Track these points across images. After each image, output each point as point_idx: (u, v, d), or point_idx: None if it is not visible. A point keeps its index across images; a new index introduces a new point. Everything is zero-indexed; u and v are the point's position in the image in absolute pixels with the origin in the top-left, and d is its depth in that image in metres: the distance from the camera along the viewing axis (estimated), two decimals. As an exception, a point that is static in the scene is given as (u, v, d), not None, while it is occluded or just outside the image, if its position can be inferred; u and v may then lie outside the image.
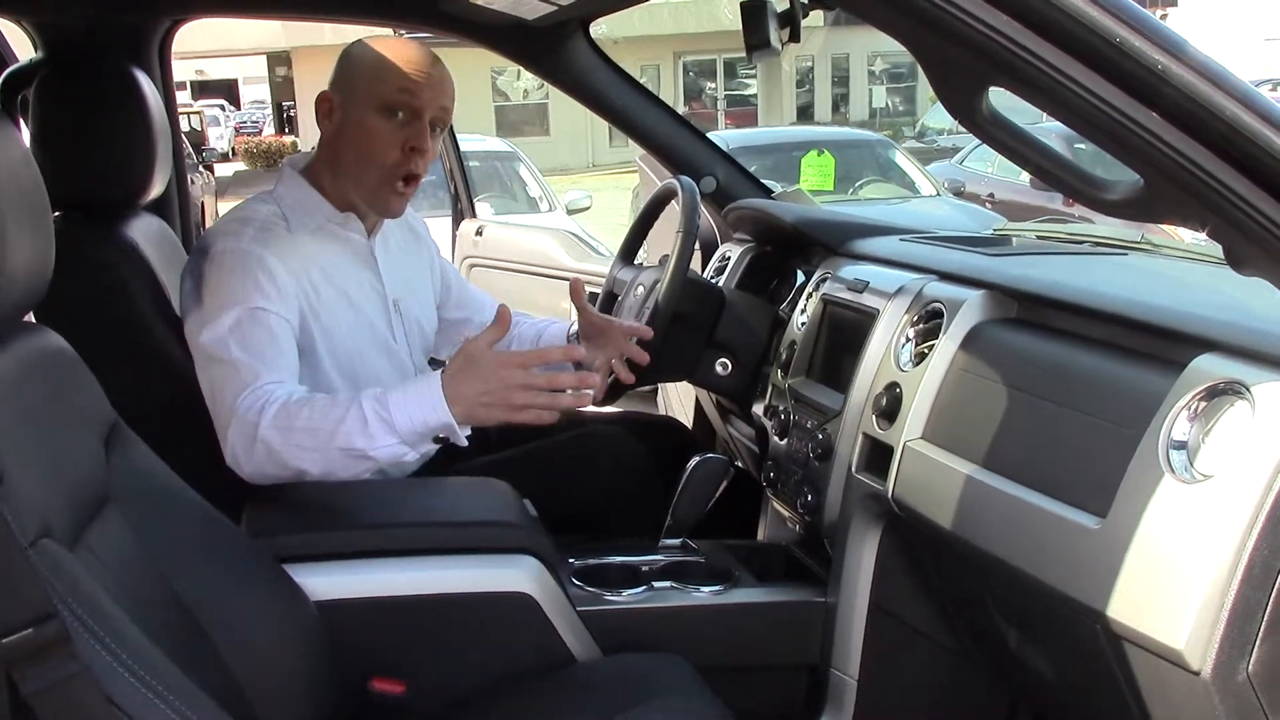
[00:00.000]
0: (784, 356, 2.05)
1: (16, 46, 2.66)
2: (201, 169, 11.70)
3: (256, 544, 1.50)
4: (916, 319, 1.68)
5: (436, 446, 1.61)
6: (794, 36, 1.29)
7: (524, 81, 22.49)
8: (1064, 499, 1.28)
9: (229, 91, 35.53)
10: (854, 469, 1.71)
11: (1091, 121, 0.95)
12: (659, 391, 3.15)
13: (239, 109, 34.24)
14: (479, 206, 4.66)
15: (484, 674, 1.57)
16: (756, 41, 1.25)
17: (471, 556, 1.62)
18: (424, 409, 1.57)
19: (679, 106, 21.16)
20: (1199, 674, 1.10)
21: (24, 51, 2.57)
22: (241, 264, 1.72)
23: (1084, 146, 1.19)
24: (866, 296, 1.84)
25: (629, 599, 1.72)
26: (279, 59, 24.90)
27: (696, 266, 2.51)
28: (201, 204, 10.68)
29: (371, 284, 1.90)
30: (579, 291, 1.93)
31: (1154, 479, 1.15)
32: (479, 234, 4.20)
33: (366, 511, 1.69)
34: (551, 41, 2.48)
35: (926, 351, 1.61)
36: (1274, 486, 1.06)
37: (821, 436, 1.81)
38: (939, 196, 9.17)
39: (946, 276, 1.72)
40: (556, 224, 6.53)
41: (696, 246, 2.27)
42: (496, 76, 22.62)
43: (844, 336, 1.88)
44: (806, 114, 24.97)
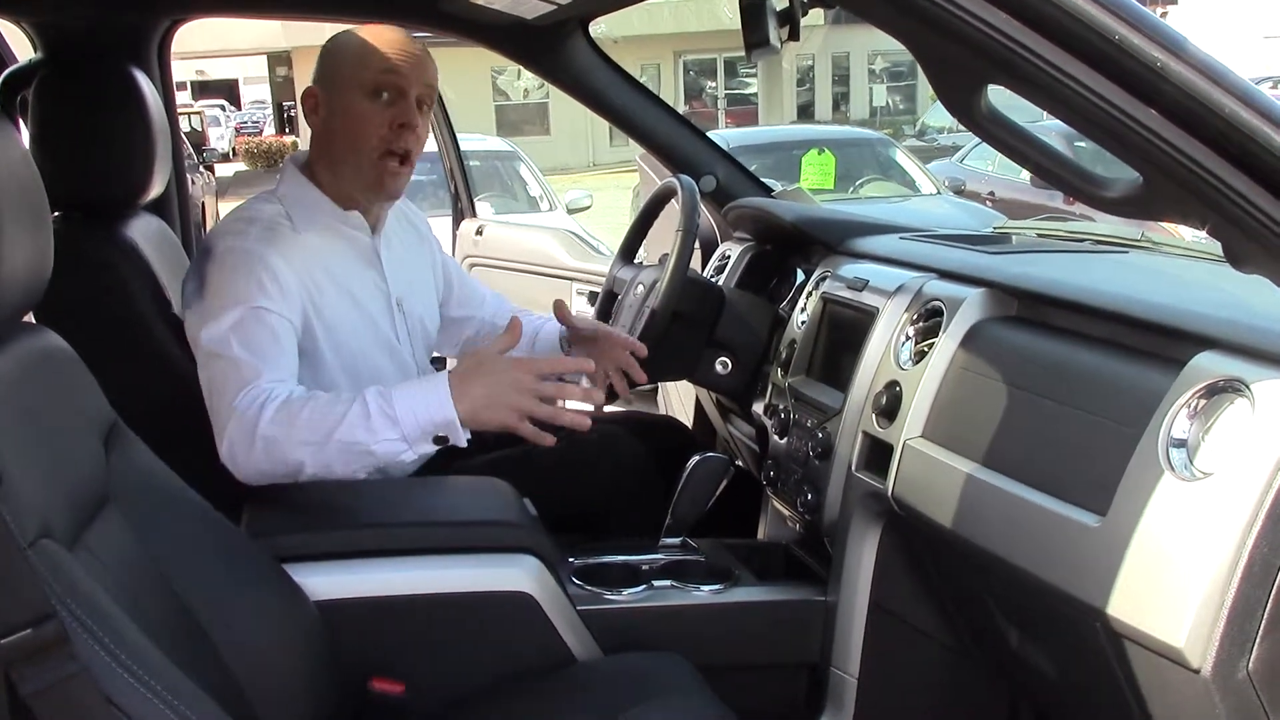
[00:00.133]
0: (784, 355, 2.05)
1: (16, 47, 2.67)
2: (202, 169, 11.69)
3: (256, 544, 1.50)
4: (916, 317, 1.68)
5: (435, 448, 1.61)
6: (793, 35, 1.29)
7: (524, 81, 22.48)
8: (1064, 497, 1.28)
9: (229, 92, 35.54)
10: (854, 468, 1.71)
11: (1090, 119, 0.95)
12: (659, 391, 3.14)
13: (239, 109, 34.23)
14: (479, 206, 4.65)
15: (484, 673, 1.57)
16: (756, 40, 1.24)
17: (471, 556, 1.62)
18: (429, 404, 1.57)
19: (679, 105, 21.18)
20: (1199, 672, 1.10)
21: (23, 52, 2.57)
22: (245, 263, 1.72)
23: (1084, 144, 1.19)
24: (866, 295, 1.84)
25: (629, 598, 1.72)
26: (279, 59, 24.90)
27: (696, 265, 2.51)
28: (202, 204, 10.67)
29: (375, 283, 1.90)
30: (562, 310, 1.98)
31: (1154, 477, 1.15)
32: (479, 233, 4.19)
33: (366, 511, 1.69)
34: (551, 41, 2.48)
35: (926, 350, 1.61)
36: (1274, 484, 1.06)
37: (821, 435, 1.81)
38: (939, 195, 9.17)
39: (946, 275, 1.72)
40: (557, 223, 6.52)
41: (696, 245, 2.27)
42: (497, 76, 22.63)
43: (844, 335, 1.88)
44: (807, 113, 24.99)
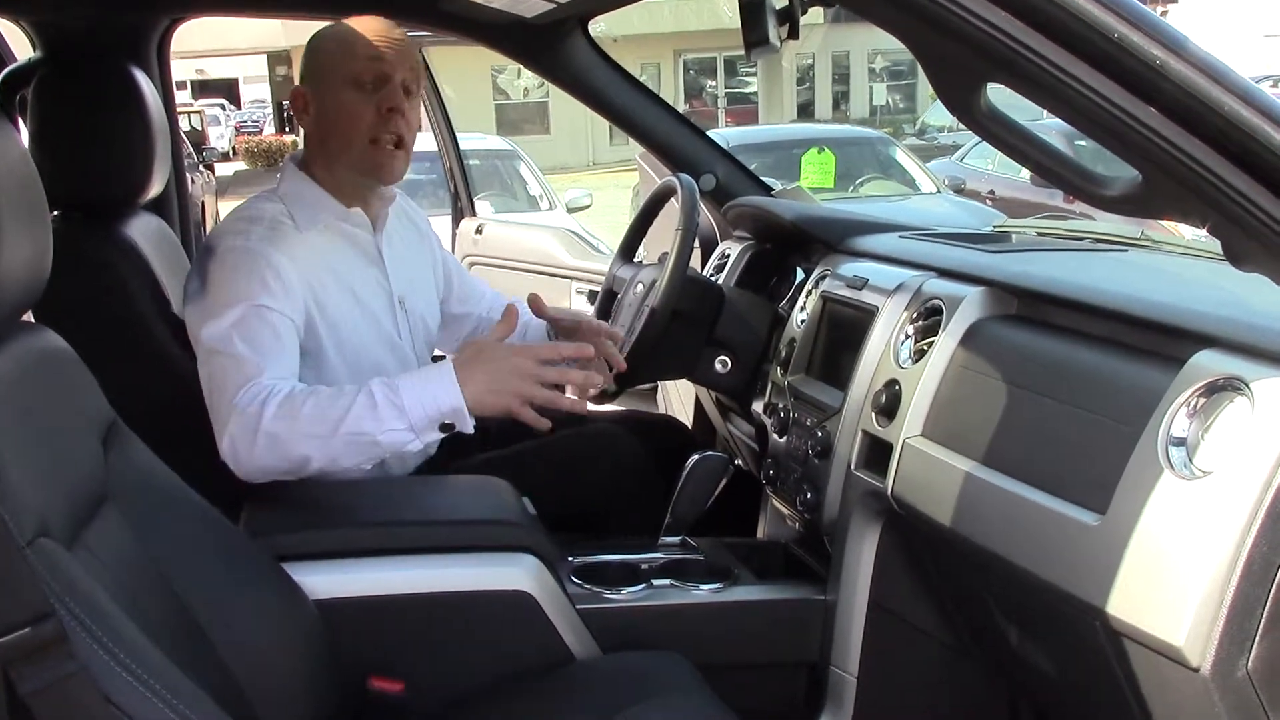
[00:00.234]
0: (783, 354, 2.05)
1: (15, 46, 2.67)
2: (202, 168, 11.67)
3: (255, 543, 1.50)
4: (916, 316, 1.68)
5: (441, 437, 1.61)
6: (793, 33, 1.28)
7: (524, 80, 22.48)
8: (1063, 496, 1.28)
9: (229, 91, 35.50)
10: (853, 466, 1.71)
11: (1090, 117, 0.95)
12: (659, 390, 3.14)
13: (239, 108, 34.20)
14: (479, 205, 4.66)
15: (483, 672, 1.57)
16: (755, 39, 1.24)
17: (471, 555, 1.62)
18: (435, 392, 1.57)
19: (679, 104, 21.18)
20: (1198, 670, 1.10)
21: (22, 51, 2.57)
22: (248, 262, 1.72)
23: (1085, 143, 1.19)
24: (866, 294, 1.84)
25: (628, 597, 1.72)
26: (279, 58, 24.87)
27: (696, 264, 2.50)
28: (202, 203, 10.66)
29: (378, 280, 1.90)
30: (538, 304, 1.97)
31: (1153, 475, 1.15)
32: (479, 232, 4.20)
33: (365, 510, 1.69)
34: (551, 39, 2.48)
35: (926, 348, 1.61)
36: (1273, 483, 1.06)
37: (821, 434, 1.80)
38: (939, 194, 9.16)
39: (946, 273, 1.72)
40: (557, 222, 6.52)
41: (696, 244, 2.27)
42: (497, 75, 22.62)
43: (843, 334, 1.87)
44: (807, 111, 24.98)
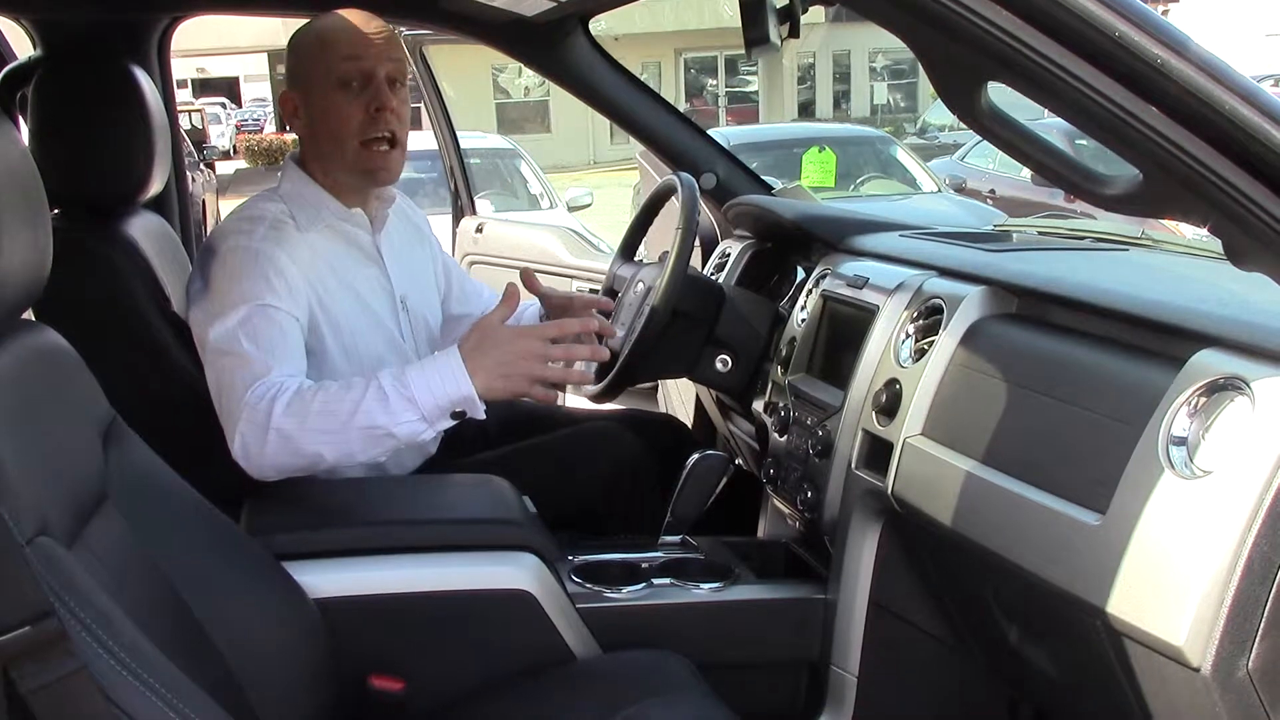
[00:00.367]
0: (784, 353, 2.05)
1: (15, 44, 2.66)
2: (203, 167, 11.68)
3: (255, 542, 1.50)
4: (916, 315, 1.68)
5: (453, 424, 1.61)
6: (793, 32, 1.28)
7: (525, 79, 22.48)
8: (1064, 495, 1.28)
9: (230, 89, 35.50)
10: (854, 465, 1.71)
11: (1091, 117, 0.95)
12: (659, 388, 3.14)
13: (240, 106, 34.20)
14: (479, 204, 4.65)
15: (483, 671, 1.57)
16: (755, 37, 1.24)
17: (471, 554, 1.62)
18: (445, 381, 1.57)
19: (680, 103, 21.17)
20: (1199, 670, 1.10)
21: (23, 49, 2.57)
22: (252, 261, 1.72)
23: (1086, 142, 1.19)
24: (866, 293, 1.84)
25: (628, 596, 1.72)
26: (280, 56, 24.80)
27: (696, 263, 2.50)
28: (203, 202, 10.65)
29: (379, 281, 1.91)
30: (530, 278, 1.95)
31: (1154, 475, 1.15)
32: (479, 231, 4.19)
33: (365, 509, 1.69)
34: (552, 38, 2.48)
35: (926, 348, 1.61)
36: (1274, 482, 1.06)
37: (821, 433, 1.80)
38: (940, 193, 9.17)
39: (946, 272, 1.72)
40: (557, 221, 6.51)
41: (696, 243, 2.27)
42: (497, 73, 22.62)
43: (844, 333, 1.87)
44: (808, 110, 24.98)
